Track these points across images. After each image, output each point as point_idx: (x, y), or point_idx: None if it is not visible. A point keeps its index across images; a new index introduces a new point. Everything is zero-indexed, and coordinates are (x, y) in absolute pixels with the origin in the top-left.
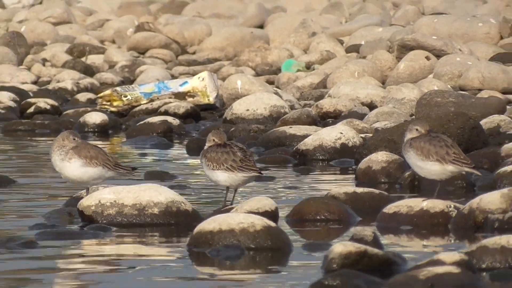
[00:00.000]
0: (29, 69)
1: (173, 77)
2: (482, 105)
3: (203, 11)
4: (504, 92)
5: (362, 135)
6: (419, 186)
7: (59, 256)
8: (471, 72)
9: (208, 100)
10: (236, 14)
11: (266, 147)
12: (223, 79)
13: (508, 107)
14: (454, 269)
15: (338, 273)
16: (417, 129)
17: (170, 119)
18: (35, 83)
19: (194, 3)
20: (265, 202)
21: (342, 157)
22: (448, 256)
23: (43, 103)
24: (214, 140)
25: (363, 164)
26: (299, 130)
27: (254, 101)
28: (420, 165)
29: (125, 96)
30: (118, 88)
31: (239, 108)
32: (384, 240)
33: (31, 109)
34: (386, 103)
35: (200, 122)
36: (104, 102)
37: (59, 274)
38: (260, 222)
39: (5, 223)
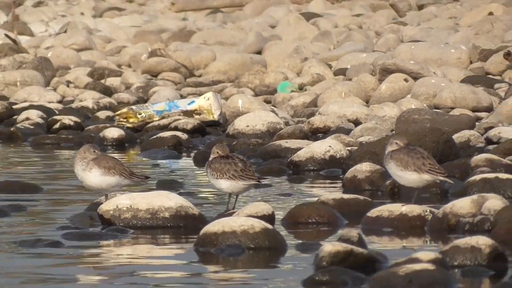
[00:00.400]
0: (55, 90)
1: (182, 97)
2: (454, 122)
3: (208, 39)
4: (474, 110)
5: (349, 148)
6: (399, 193)
7: (81, 255)
8: (445, 93)
9: (213, 117)
10: (238, 42)
11: (264, 158)
12: (226, 98)
13: (477, 123)
14: (430, 266)
15: (328, 269)
16: (396, 143)
17: (179, 134)
18: (60, 102)
19: (201, 32)
20: (263, 207)
21: (331, 167)
22: (424, 254)
23: (67, 120)
24: (218, 152)
25: (349, 173)
26: (293, 143)
27: (253, 118)
28: (399, 175)
29: (140, 114)
30: (133, 107)
31: (240, 124)
32: (368, 240)
33: (57, 125)
34: (369, 120)
35: (206, 137)
36: (121, 119)
37: (81, 271)
38: (259, 224)
39: (34, 225)
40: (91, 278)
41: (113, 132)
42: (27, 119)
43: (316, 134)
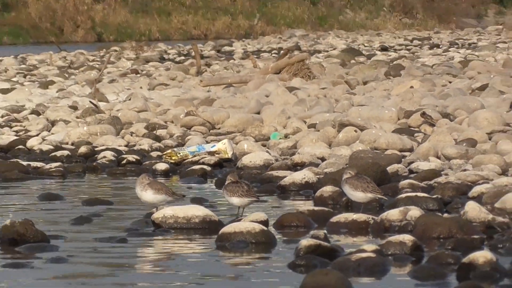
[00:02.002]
0: (122, 137)
1: (207, 142)
2: (387, 159)
3: (224, 104)
4: (400, 151)
5: (318, 176)
6: (351, 206)
7: (140, 247)
8: (381, 139)
9: (227, 156)
10: (244, 106)
11: (261, 183)
12: (236, 143)
13: (402, 159)
14: (372, 255)
15: (304, 257)
16: (349, 173)
17: (205, 167)
18: (126, 146)
19: (219, 99)
20: (261, 215)
21: (306, 189)
22: (368, 247)
23: (131, 157)
24: (231, 179)
25: (318, 193)
26: (281, 173)
27: (254, 156)
28: (352, 193)
29: (179, 154)
30: (175, 149)
31: (245, 160)
32: (331, 237)
33: (124, 161)
34: (331, 157)
35: (223, 169)
36: (167, 157)
37: (140, 257)
38: (258, 227)
39: (107, 228)
40: (148, 261)
41: (161, 166)
42: (104, 157)
43: (296, 167)
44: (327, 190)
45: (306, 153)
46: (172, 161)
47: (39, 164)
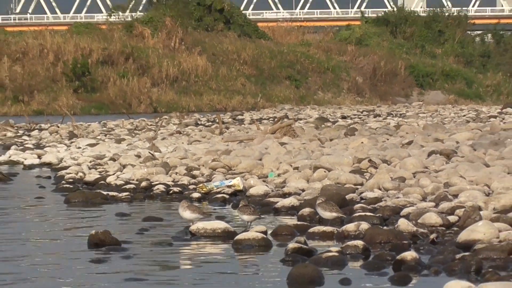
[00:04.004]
0: (170, 176)
1: (226, 179)
2: (346, 190)
3: (238, 153)
4: (355, 184)
5: (300, 202)
6: (322, 221)
7: (182, 249)
8: (342, 177)
9: (240, 188)
10: (251, 155)
11: (262, 206)
12: (246, 180)
13: (356, 190)
14: (336, 254)
15: (291, 255)
16: (321, 199)
17: (225, 195)
18: (173, 181)
19: (234, 151)
20: (262, 227)
21: (292, 210)
22: (333, 248)
23: (176, 189)
24: (242, 203)
25: (300, 213)
26: (275, 200)
27: (257, 189)
28: (322, 213)
29: (207, 187)
30: (205, 183)
31: (252, 191)
32: (309, 242)
33: (171, 192)
34: (308, 189)
35: (237, 197)
36: (199, 189)
37: (182, 257)
38: (260, 235)
39: (159, 236)
40: (186, 258)
41: (195, 195)
42: (158, 189)
43: (285, 195)
44: (306, 210)
45: (292, 186)
46: (202, 191)
47: (114, 193)
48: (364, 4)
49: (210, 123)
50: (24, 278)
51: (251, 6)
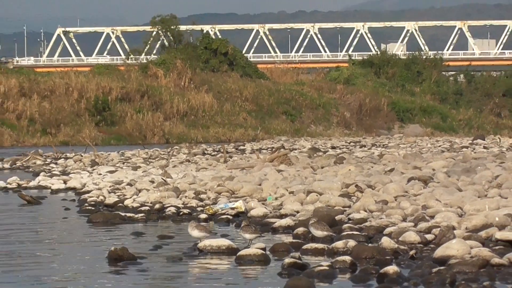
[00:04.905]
0: (180, 199)
1: (230, 202)
2: (335, 211)
3: (240, 179)
4: (343, 207)
5: (295, 222)
6: (315, 239)
7: (191, 263)
8: (332, 200)
9: (242, 210)
10: (251, 180)
11: (261, 226)
12: (247, 202)
13: (344, 212)
14: (327, 268)
15: (286, 269)
16: (313, 220)
17: (229, 216)
18: (182, 204)
19: (237, 177)
20: (261, 245)
21: (288, 229)
22: (325, 263)
23: (185, 210)
24: (244, 223)
25: (295, 232)
26: (273, 220)
27: (257, 210)
28: (315, 232)
29: (213, 209)
30: (211, 206)
31: (252, 213)
32: (302, 257)
33: (181, 213)
34: (302, 211)
35: (239, 218)
36: (206, 211)
37: (191, 269)
38: (260, 251)
39: (171, 251)
40: (195, 272)
41: (203, 216)
42: (170, 210)
43: (282, 217)
44: (300, 230)
45: (287, 208)
46: (209, 213)
47: (131, 214)
48: (352, 48)
49: (215, 152)
50: (51, 287)
51: (252, 50)
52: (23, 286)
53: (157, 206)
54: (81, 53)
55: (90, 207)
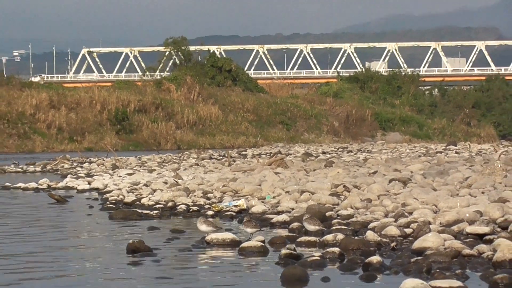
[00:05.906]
0: (190, 198)
1: (234, 200)
2: (326, 209)
3: (243, 181)
4: (332, 205)
5: (290, 218)
6: (308, 233)
7: (200, 254)
8: (323, 199)
9: (244, 207)
10: (252, 182)
11: (261, 221)
12: (249, 201)
13: (334, 209)
14: (318, 258)
15: (283, 259)
16: (306, 216)
17: (233, 213)
18: (192, 202)
19: (240, 178)
20: (261, 237)
21: (284, 224)
22: (316, 254)
23: (194, 208)
24: (246, 219)
25: (290, 226)
26: (271, 216)
27: (258, 208)
28: (307, 227)
29: (219, 206)
30: (217, 203)
31: (254, 210)
32: (297, 249)
33: (191, 210)
34: (297, 208)
35: (242, 214)
36: (213, 208)
37: (199, 260)
38: (260, 244)
39: (182, 244)
40: (204, 263)
41: (210, 212)
42: (181, 208)
43: (279, 213)
44: (295, 224)
45: (284, 206)
46: (215, 210)
47: (147, 211)
48: (340, 66)
49: (221, 157)
50: (77, 274)
51: (252, 67)
52: (50, 272)
53: (170, 204)
54: (103, 70)
55: (111, 205)
